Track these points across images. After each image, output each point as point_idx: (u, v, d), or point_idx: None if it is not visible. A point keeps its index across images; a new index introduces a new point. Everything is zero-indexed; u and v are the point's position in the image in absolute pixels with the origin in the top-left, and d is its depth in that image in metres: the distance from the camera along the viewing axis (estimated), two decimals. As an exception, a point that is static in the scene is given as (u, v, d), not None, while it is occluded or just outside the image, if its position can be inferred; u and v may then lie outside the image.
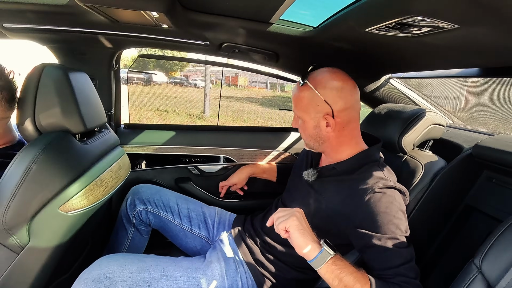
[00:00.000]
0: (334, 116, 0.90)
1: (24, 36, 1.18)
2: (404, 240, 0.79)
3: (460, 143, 1.12)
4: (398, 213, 0.82)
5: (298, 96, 0.94)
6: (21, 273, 0.79)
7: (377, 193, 0.83)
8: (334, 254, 0.75)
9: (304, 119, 0.95)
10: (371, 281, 0.74)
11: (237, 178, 1.41)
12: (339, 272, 0.73)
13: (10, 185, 0.74)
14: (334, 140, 0.94)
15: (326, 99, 0.89)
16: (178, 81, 28.34)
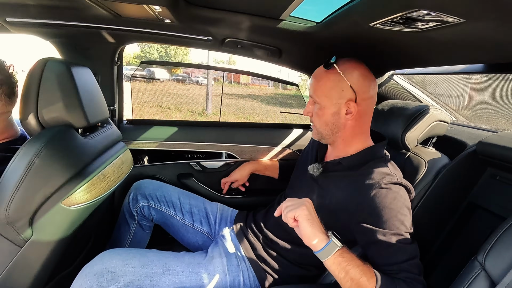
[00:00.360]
0: (356, 103, 0.90)
1: (27, 31, 1.18)
2: (408, 237, 0.79)
3: (464, 140, 1.11)
4: (403, 209, 0.81)
5: (322, 79, 0.91)
6: (24, 266, 0.80)
7: (383, 188, 0.82)
8: (341, 246, 0.75)
9: (323, 104, 0.92)
10: (377, 275, 0.74)
11: (239, 174, 1.42)
12: (345, 264, 0.73)
13: (13, 179, 0.74)
14: (349, 129, 0.94)
15: (352, 85, 0.88)
16: (180, 78, 28.35)
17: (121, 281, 0.85)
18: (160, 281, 0.89)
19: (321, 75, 0.92)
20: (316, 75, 0.94)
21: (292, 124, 1.83)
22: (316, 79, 0.94)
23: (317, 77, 0.93)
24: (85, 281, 0.84)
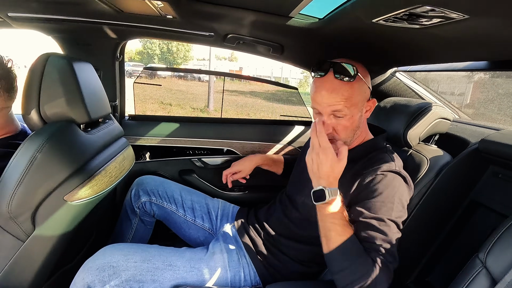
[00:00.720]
0: (371, 98, 0.92)
1: (29, 26, 1.18)
2: (390, 225, 0.78)
3: (466, 137, 1.11)
4: (393, 198, 0.81)
5: (346, 91, 0.84)
6: (27, 260, 0.80)
7: (379, 175, 0.84)
8: (338, 196, 0.78)
9: (352, 114, 0.86)
10: (349, 236, 0.77)
11: (243, 166, 1.33)
12: (334, 211, 0.78)
13: (15, 174, 0.74)
14: (363, 125, 0.95)
15: (369, 85, 0.90)
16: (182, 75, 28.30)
17: (123, 275, 0.86)
18: (161, 276, 0.90)
19: (344, 87, 0.84)
20: (335, 89, 0.84)
21: (293, 120, 1.82)
22: (338, 93, 0.84)
23: (340, 91, 0.84)
24: (87, 275, 0.85)
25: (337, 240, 0.77)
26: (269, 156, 1.43)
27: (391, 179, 0.84)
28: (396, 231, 0.79)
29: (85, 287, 0.84)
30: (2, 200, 0.74)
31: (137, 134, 1.57)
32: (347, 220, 0.80)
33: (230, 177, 1.32)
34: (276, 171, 1.41)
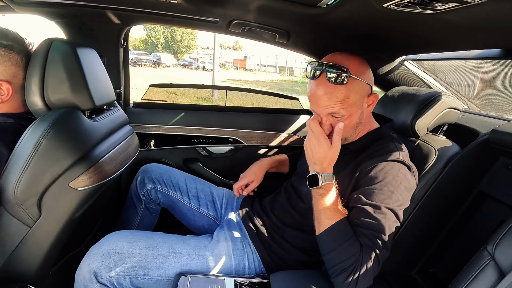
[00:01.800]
0: (372, 94, 0.90)
1: (32, 11, 1.17)
2: (386, 213, 0.78)
3: (476, 128, 1.09)
4: (393, 186, 0.81)
5: (343, 92, 0.82)
6: (34, 245, 0.81)
7: (382, 163, 0.84)
8: (319, 186, 0.81)
9: (350, 112, 0.85)
10: (338, 220, 0.79)
11: (254, 175, 1.22)
12: (316, 199, 0.82)
13: (20, 160, 0.74)
14: (366, 119, 0.93)
15: (368, 81, 0.87)
16: (186, 63, 28.22)
17: (128, 262, 0.87)
18: (166, 263, 0.90)
19: (337, 89, 0.82)
20: (331, 93, 0.82)
21: (299, 110, 1.81)
22: (332, 96, 0.83)
23: (334, 94, 0.82)
24: (92, 261, 0.85)
25: (326, 223, 0.79)
26: (275, 158, 1.36)
27: (393, 167, 0.83)
28: (393, 220, 0.79)
29: (91, 273, 0.84)
30: (8, 186, 0.74)
31: (141, 122, 1.57)
32: (339, 206, 0.83)
33: (243, 191, 1.21)
34: (283, 171, 1.37)
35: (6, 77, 0.83)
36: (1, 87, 0.82)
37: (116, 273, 0.85)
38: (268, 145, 1.70)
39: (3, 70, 0.82)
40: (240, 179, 1.22)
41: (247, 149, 1.69)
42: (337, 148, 0.83)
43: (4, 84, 0.82)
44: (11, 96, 0.85)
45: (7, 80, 0.83)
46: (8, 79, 0.83)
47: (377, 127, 0.97)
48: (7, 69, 0.83)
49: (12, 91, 0.84)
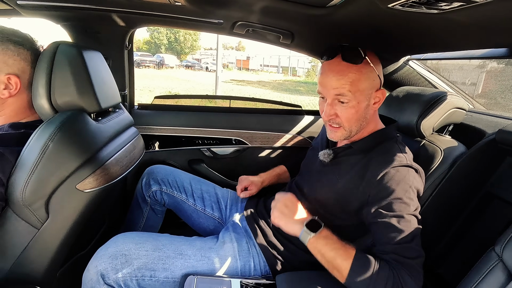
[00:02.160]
0: (381, 89, 0.89)
1: (38, 14, 1.18)
2: (410, 220, 0.78)
3: (482, 128, 1.08)
4: (409, 192, 0.80)
5: (352, 74, 0.83)
6: (42, 247, 0.82)
7: (391, 170, 0.82)
8: (314, 234, 0.81)
9: (357, 100, 0.85)
10: (354, 256, 0.77)
11: (252, 185, 1.25)
12: (320, 248, 0.81)
13: (28, 163, 0.75)
14: (371, 116, 0.92)
15: (379, 73, 0.86)
16: (190, 64, 28.32)
17: (135, 264, 0.87)
18: (172, 265, 0.91)
19: (351, 70, 0.83)
20: (342, 71, 0.83)
21: (303, 110, 1.80)
22: (345, 76, 0.83)
23: (346, 74, 0.83)
24: (99, 263, 0.86)
25: (346, 265, 0.77)
26: (272, 173, 1.33)
27: (405, 173, 0.82)
28: (417, 224, 0.79)
29: (98, 274, 0.85)
30: (16, 188, 0.75)
31: (146, 124, 1.57)
32: (343, 241, 0.81)
33: (242, 193, 1.23)
34: (285, 181, 1.35)
35: (15, 70, 0.84)
36: (10, 80, 0.83)
37: (123, 274, 0.86)
38: (272, 145, 1.70)
39: (12, 64, 0.83)
40: (239, 180, 1.26)
41: (251, 150, 1.69)
42: (288, 195, 0.92)
43: (12, 77, 0.83)
44: (19, 90, 0.85)
45: (16, 74, 0.84)
46: (17, 73, 0.84)
47: (382, 127, 0.96)
48: (16, 63, 0.84)
49: (20, 85, 0.85)
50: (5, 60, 0.82)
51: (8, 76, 0.82)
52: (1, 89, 0.83)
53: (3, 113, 0.86)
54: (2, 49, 0.81)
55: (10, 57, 0.82)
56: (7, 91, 0.83)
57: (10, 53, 0.82)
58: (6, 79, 0.82)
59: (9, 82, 0.83)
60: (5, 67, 0.82)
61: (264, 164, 1.67)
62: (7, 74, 0.82)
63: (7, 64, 0.82)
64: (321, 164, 1.01)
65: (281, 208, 0.88)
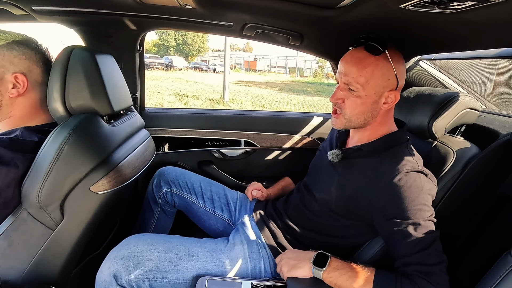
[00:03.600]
0: (396, 91, 0.87)
1: (52, 19, 1.20)
2: (427, 226, 0.77)
3: (496, 128, 1.06)
4: (423, 198, 0.79)
5: (368, 65, 0.83)
6: (57, 248, 0.83)
7: (404, 176, 0.81)
8: (324, 269, 0.80)
9: (365, 93, 0.85)
10: (374, 280, 0.76)
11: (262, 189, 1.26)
12: (335, 281, 0.79)
13: (44, 165, 0.76)
14: (380, 117, 0.91)
15: (397, 74, 0.85)
16: (198, 66, 28.50)
17: (147, 265, 0.88)
18: (183, 266, 0.91)
19: (367, 60, 0.83)
20: (359, 59, 0.85)
21: (312, 112, 1.80)
22: (359, 64, 0.84)
23: (361, 62, 0.84)
24: (112, 264, 0.87)
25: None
26: (277, 186, 1.33)
27: (418, 179, 0.81)
28: (434, 230, 0.78)
29: (111, 275, 0.86)
30: (32, 190, 0.76)
31: (157, 126, 1.59)
32: (357, 265, 0.81)
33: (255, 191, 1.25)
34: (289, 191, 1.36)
35: (21, 69, 0.85)
36: (17, 79, 0.84)
37: (135, 276, 0.87)
38: (281, 147, 1.70)
39: (18, 63, 0.84)
40: (249, 185, 1.28)
41: (260, 151, 1.69)
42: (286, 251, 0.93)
43: (19, 76, 0.84)
44: (27, 89, 0.86)
45: (22, 72, 0.85)
46: (24, 72, 0.85)
47: (394, 130, 0.95)
48: (22, 62, 0.85)
49: (27, 84, 0.86)
50: (10, 60, 0.83)
51: (15, 75, 0.84)
52: (9, 89, 0.84)
53: (13, 114, 0.87)
54: (7, 49, 0.83)
55: (15, 56, 0.84)
56: (15, 90, 0.85)
57: (15, 53, 0.84)
58: (13, 78, 0.84)
59: (17, 81, 0.84)
60: (12, 66, 0.84)
61: (273, 165, 1.67)
62: (14, 73, 0.84)
63: (13, 63, 0.84)
64: (330, 165, 1.00)
65: (287, 262, 0.87)
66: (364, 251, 0.97)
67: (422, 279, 0.73)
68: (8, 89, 0.84)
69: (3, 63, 0.83)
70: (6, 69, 0.83)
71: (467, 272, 1.00)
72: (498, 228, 0.98)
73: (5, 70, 0.83)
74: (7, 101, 0.85)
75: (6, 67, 0.83)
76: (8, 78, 0.84)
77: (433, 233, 0.77)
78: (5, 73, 0.83)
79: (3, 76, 0.83)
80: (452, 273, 1.06)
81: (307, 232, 1.02)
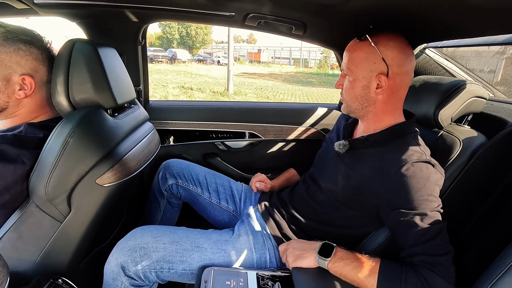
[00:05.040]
0: (388, 77, 0.85)
1: (54, 13, 1.20)
2: (433, 216, 0.77)
3: (504, 117, 1.04)
4: (429, 189, 0.79)
5: (354, 51, 0.88)
6: (65, 240, 0.85)
7: (410, 167, 0.80)
8: (329, 259, 0.81)
9: (354, 77, 0.89)
10: (379, 270, 0.76)
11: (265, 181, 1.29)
12: (340, 271, 0.80)
13: (50, 158, 0.77)
14: (380, 105, 0.90)
15: (384, 57, 0.84)
16: (201, 58, 28.39)
17: (153, 256, 0.89)
18: (189, 257, 0.93)
19: (354, 46, 0.89)
20: (349, 47, 0.91)
21: (316, 103, 1.79)
22: (349, 51, 0.90)
23: (350, 49, 0.90)
24: (120, 255, 0.89)
25: (372, 280, 0.76)
26: (281, 177, 1.34)
27: (425, 169, 0.80)
28: (441, 220, 0.78)
29: (119, 266, 0.88)
30: (40, 183, 0.77)
31: (161, 119, 1.60)
32: (363, 256, 0.81)
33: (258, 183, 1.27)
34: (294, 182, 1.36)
35: (28, 71, 0.84)
36: (24, 81, 0.84)
37: (142, 266, 0.88)
38: (285, 138, 1.70)
39: (24, 64, 0.84)
40: (254, 176, 1.29)
41: (264, 143, 1.69)
42: (290, 241, 0.94)
43: (27, 78, 0.84)
44: (34, 90, 0.86)
45: (29, 74, 0.84)
46: (30, 73, 0.85)
47: (402, 121, 0.94)
48: (29, 63, 0.84)
49: (34, 85, 0.86)
50: (17, 61, 0.82)
51: (23, 77, 0.83)
52: (16, 90, 0.84)
53: (19, 113, 0.88)
54: (14, 50, 0.82)
55: (22, 57, 0.83)
56: (22, 92, 0.84)
57: (22, 53, 0.83)
58: (20, 80, 0.83)
59: (24, 83, 0.84)
60: (19, 68, 0.83)
61: (278, 157, 1.67)
62: (21, 75, 0.83)
63: (20, 64, 0.83)
64: (337, 156, 1.00)
65: (293, 252, 0.88)
66: (368, 242, 0.97)
67: (427, 270, 0.72)
68: (15, 90, 0.84)
69: (10, 64, 0.82)
70: (13, 71, 0.82)
71: (472, 261, 1.00)
72: (504, 217, 0.97)
73: (12, 72, 0.82)
74: (14, 102, 0.85)
75: (13, 69, 0.82)
76: (15, 79, 0.83)
77: (439, 223, 0.76)
78: (12, 74, 0.83)
79: (10, 77, 0.83)
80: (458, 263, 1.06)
81: (312, 222, 1.02)
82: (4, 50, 0.81)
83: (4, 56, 0.81)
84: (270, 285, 0.85)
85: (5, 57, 0.81)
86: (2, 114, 0.87)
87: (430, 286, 0.71)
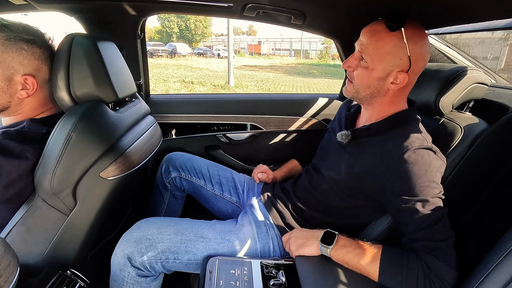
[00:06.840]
0: (407, 74, 0.84)
1: (53, 7, 1.20)
2: (435, 203, 0.77)
3: (505, 103, 1.04)
4: (431, 175, 0.79)
5: (382, 39, 0.82)
6: (72, 232, 0.87)
7: (412, 153, 0.80)
8: (332, 247, 0.82)
9: (373, 66, 0.84)
10: (381, 257, 0.77)
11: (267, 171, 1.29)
12: (343, 258, 0.81)
13: (54, 153, 0.78)
14: (389, 97, 0.90)
15: (411, 56, 0.81)
16: (201, 52, 28.23)
17: (159, 247, 0.91)
18: (194, 248, 0.94)
19: (382, 34, 0.82)
20: (376, 31, 0.83)
21: (317, 94, 1.79)
22: (374, 38, 0.83)
23: (376, 36, 0.83)
24: (125, 247, 0.90)
25: (374, 267, 0.77)
26: (283, 168, 1.34)
27: (427, 156, 0.81)
28: (443, 206, 0.78)
29: (125, 257, 0.90)
30: (45, 178, 0.79)
31: (162, 112, 1.60)
32: (364, 243, 0.81)
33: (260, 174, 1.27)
34: (297, 174, 1.33)
35: (30, 71, 0.84)
36: (27, 81, 0.84)
37: (148, 257, 0.90)
38: (287, 129, 1.70)
39: (27, 64, 0.83)
40: (256, 168, 1.29)
41: (266, 135, 1.70)
42: (293, 230, 0.96)
43: (29, 78, 0.84)
44: (36, 90, 0.86)
45: (31, 74, 0.84)
46: (33, 73, 0.85)
47: (404, 109, 0.93)
48: (31, 63, 0.84)
49: (37, 85, 0.86)
50: (20, 61, 0.82)
51: (25, 77, 0.83)
52: (18, 90, 0.84)
53: (22, 111, 0.88)
54: (16, 50, 0.81)
55: (24, 57, 0.83)
56: (25, 92, 0.84)
57: (25, 53, 0.82)
58: (23, 80, 0.83)
59: (26, 83, 0.84)
60: (21, 68, 0.83)
61: (279, 148, 1.67)
62: (24, 75, 0.83)
63: (22, 64, 0.83)
64: (339, 146, 1.00)
65: (296, 240, 0.89)
66: (370, 229, 0.98)
67: (429, 255, 0.73)
68: (17, 90, 0.84)
69: (12, 64, 0.81)
70: (15, 71, 0.82)
71: (474, 247, 1.00)
72: (506, 203, 0.98)
73: (14, 72, 0.82)
74: (16, 101, 0.86)
75: (15, 69, 0.82)
76: (17, 79, 0.83)
77: (441, 209, 0.77)
78: (14, 74, 0.82)
79: (12, 78, 0.82)
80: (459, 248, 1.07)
81: (315, 212, 1.03)
82: (6, 50, 0.81)
83: (6, 56, 0.81)
84: (274, 273, 0.86)
85: (7, 57, 0.81)
86: (5, 112, 0.88)
87: (432, 271, 0.72)
